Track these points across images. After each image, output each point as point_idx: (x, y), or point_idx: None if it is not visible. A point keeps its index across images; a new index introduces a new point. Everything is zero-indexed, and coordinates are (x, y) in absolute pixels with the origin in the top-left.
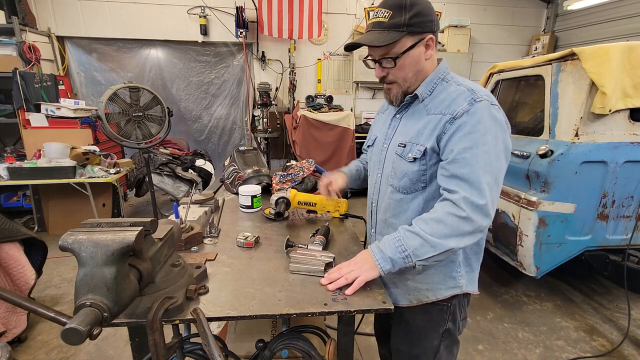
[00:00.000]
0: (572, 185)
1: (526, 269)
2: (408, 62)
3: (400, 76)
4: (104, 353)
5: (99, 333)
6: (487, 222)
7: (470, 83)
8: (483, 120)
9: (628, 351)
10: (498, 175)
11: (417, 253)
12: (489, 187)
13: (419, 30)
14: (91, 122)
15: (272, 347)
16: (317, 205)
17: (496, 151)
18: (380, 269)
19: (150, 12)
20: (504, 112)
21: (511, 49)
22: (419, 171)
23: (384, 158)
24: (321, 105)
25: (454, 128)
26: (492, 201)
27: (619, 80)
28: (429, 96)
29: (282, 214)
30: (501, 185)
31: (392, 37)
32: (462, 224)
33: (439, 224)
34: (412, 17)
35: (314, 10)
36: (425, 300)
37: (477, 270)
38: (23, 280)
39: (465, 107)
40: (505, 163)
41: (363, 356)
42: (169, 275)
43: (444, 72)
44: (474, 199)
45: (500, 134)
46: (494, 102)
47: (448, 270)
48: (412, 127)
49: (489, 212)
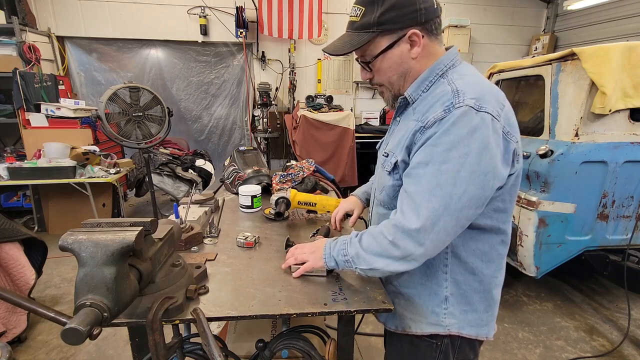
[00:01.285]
0: (572, 185)
1: (526, 269)
2: (387, 65)
3: (384, 80)
4: (104, 353)
5: (99, 333)
6: (420, 250)
7: (468, 81)
8: (452, 132)
9: (628, 351)
10: (454, 204)
11: (355, 261)
12: (432, 214)
13: (395, 27)
14: (91, 122)
15: (272, 347)
16: (317, 205)
17: (460, 174)
18: (325, 264)
19: (150, 12)
20: (512, 120)
21: (511, 49)
22: (393, 186)
23: (379, 166)
24: (321, 105)
25: (423, 139)
26: (433, 229)
27: (619, 80)
28: (419, 97)
29: (282, 214)
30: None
31: (360, 40)
32: (389, 247)
33: (372, 241)
34: (384, 12)
35: (314, 10)
36: (408, 331)
37: (485, 312)
38: (23, 280)
39: (439, 114)
40: (476, 189)
41: (363, 356)
42: (169, 275)
43: (445, 65)
44: (405, 223)
45: (475, 150)
46: (484, 108)
47: (430, 303)
48: (397, 134)
49: (422, 241)
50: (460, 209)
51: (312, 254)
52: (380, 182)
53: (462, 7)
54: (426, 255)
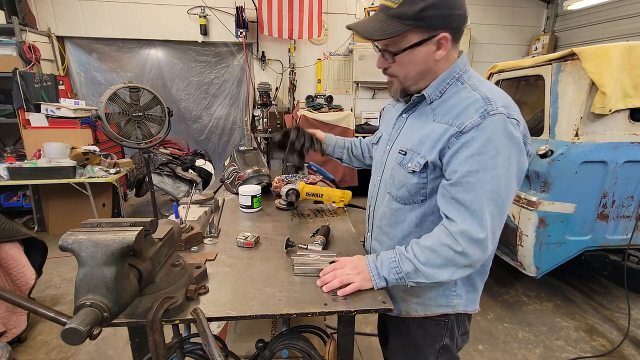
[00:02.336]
0: (572, 185)
1: (526, 269)
2: (410, 60)
3: (400, 73)
4: (104, 353)
5: (99, 333)
6: (485, 256)
7: (488, 88)
8: (495, 139)
9: (628, 351)
10: (504, 203)
11: (410, 277)
12: (491, 218)
13: (430, 25)
14: (91, 122)
15: (272, 347)
16: (324, 196)
17: (507, 176)
18: (375, 284)
19: (150, 12)
20: (525, 124)
21: (511, 49)
22: (417, 184)
23: (385, 162)
24: (321, 105)
25: (459, 144)
26: (492, 233)
27: (619, 80)
28: (438, 98)
29: (293, 203)
30: (507, 212)
31: (393, 30)
32: (457, 258)
33: (432, 254)
34: (426, 8)
35: (314, 10)
36: (414, 314)
37: (480, 290)
38: (23, 280)
39: (475, 120)
40: (516, 187)
41: (363, 356)
42: (169, 275)
43: (461, 69)
44: (473, 233)
45: (514, 154)
46: (513, 115)
47: (441, 288)
48: (415, 132)
49: (487, 246)
50: (507, 205)
51: (357, 274)
52: (398, 179)
53: None
54: (484, 259)
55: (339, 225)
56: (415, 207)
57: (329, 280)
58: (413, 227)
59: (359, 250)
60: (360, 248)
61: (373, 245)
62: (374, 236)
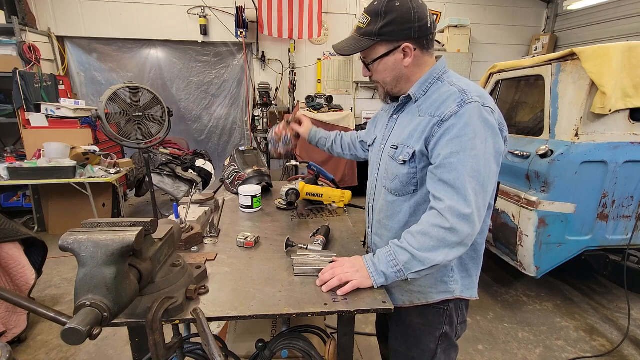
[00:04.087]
0: (572, 185)
1: (526, 269)
2: (383, 68)
3: (379, 79)
4: (104, 353)
5: (99, 333)
6: (473, 231)
7: (465, 83)
8: (472, 123)
9: (628, 351)
10: (485, 181)
11: (408, 267)
12: (474, 194)
13: (392, 38)
14: (91, 122)
15: (272, 347)
16: (323, 196)
17: (485, 156)
18: (374, 281)
19: (150, 12)
20: (501, 113)
21: (511, 49)
22: (408, 174)
23: (380, 159)
24: (321, 105)
25: (441, 131)
26: (477, 209)
27: (619, 80)
28: (422, 96)
29: (292, 203)
30: (490, 191)
31: (362, 45)
32: (447, 236)
33: (425, 237)
34: (384, 25)
35: (314, 10)
36: (417, 303)
37: (475, 276)
38: (23, 280)
39: (453, 109)
40: (496, 167)
41: (363, 356)
42: (169, 275)
43: (440, 71)
44: (459, 208)
45: (490, 137)
46: (487, 104)
47: (439, 275)
48: (405, 128)
49: (474, 222)
50: (489, 184)
51: (356, 272)
52: (391, 172)
53: (462, 7)
54: (474, 236)
55: (339, 225)
56: (409, 198)
57: (327, 279)
58: (408, 217)
59: (359, 250)
60: (360, 248)
61: (374, 240)
62: (374, 231)
